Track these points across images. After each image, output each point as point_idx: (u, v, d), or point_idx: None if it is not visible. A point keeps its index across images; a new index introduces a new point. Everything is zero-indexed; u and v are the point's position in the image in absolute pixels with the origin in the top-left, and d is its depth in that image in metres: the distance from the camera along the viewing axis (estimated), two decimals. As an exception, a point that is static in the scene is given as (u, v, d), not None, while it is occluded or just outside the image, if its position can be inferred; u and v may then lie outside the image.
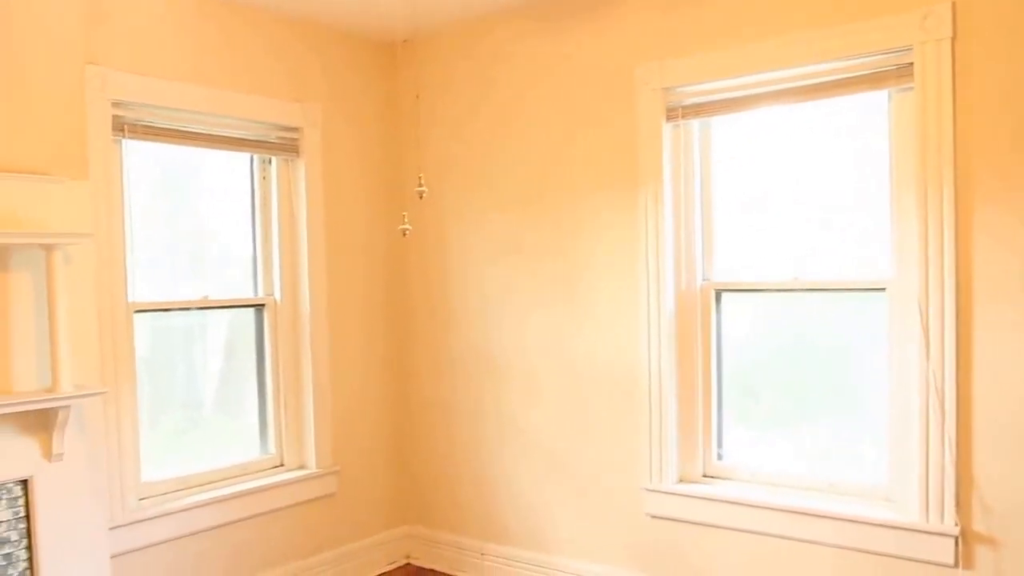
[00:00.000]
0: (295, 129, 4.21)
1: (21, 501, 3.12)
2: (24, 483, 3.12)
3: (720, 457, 3.77)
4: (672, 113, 3.70)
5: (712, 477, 3.75)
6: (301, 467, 4.33)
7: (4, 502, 3.08)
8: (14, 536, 3.10)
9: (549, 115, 4.08)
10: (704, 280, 3.75)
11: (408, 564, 4.76)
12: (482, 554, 4.45)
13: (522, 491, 4.28)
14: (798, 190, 3.55)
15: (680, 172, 3.75)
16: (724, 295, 3.73)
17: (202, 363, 4.16)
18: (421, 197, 2.69)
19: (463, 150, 4.40)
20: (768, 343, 3.71)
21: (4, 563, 3.07)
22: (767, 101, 3.49)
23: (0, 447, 3.03)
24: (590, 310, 3.98)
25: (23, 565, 3.12)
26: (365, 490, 4.60)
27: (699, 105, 3.65)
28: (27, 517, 3.13)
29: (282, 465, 4.31)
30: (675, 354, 3.75)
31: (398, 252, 4.72)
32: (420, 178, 2.86)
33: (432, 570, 4.65)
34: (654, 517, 3.81)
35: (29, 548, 3.13)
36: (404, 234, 2.80)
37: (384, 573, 4.63)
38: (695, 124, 3.72)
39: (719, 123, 3.71)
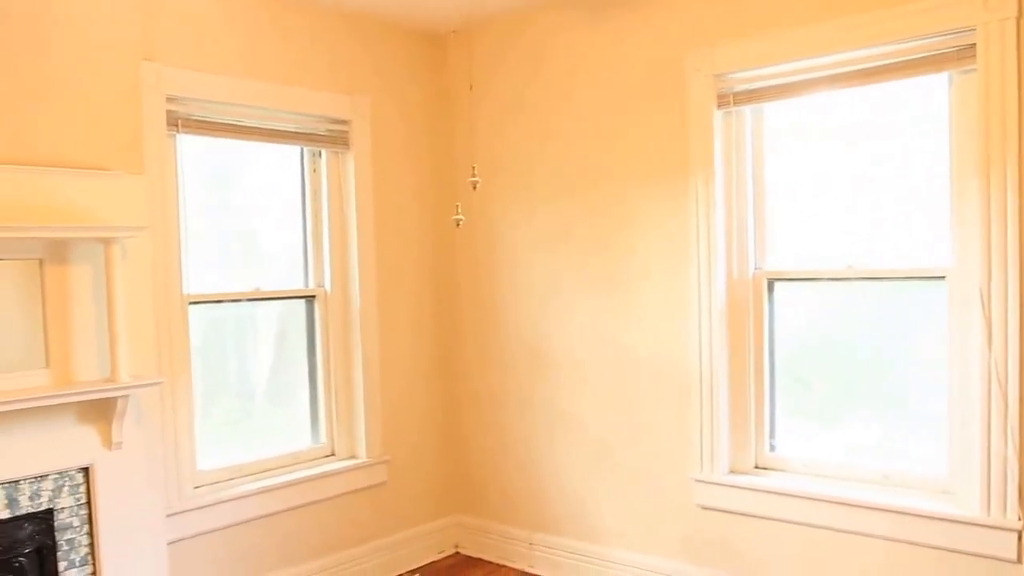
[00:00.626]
0: (344, 122, 4.24)
1: (82, 488, 3.19)
2: (85, 471, 3.19)
3: (772, 448, 3.72)
4: (723, 100, 3.64)
5: (764, 468, 3.71)
6: (352, 457, 4.38)
7: (66, 489, 3.15)
8: (76, 522, 3.17)
9: (598, 104, 4.05)
10: (756, 269, 3.70)
11: (457, 553, 4.79)
12: (530, 544, 4.45)
13: (570, 481, 4.28)
14: (853, 177, 3.48)
15: (731, 160, 3.70)
16: (777, 284, 3.68)
17: (254, 354, 4.21)
18: (475, 188, 2.68)
19: (511, 141, 4.40)
20: (822, 333, 3.65)
21: (67, 548, 3.14)
22: (821, 86, 3.42)
23: (62, 436, 3.10)
24: (639, 300, 3.95)
25: (85, 550, 3.19)
26: (414, 479, 4.63)
27: (751, 91, 3.59)
28: (88, 504, 3.20)
29: (333, 455, 4.36)
30: (726, 344, 3.71)
31: (447, 243, 4.73)
32: (474, 169, 2.85)
33: (481, 559, 4.67)
34: (704, 508, 3.78)
35: (90, 534, 3.21)
36: (458, 224, 2.80)
37: (433, 562, 4.66)
38: (747, 111, 3.67)
39: (772, 109, 3.65)
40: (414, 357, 4.63)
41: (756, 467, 3.72)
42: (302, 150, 4.24)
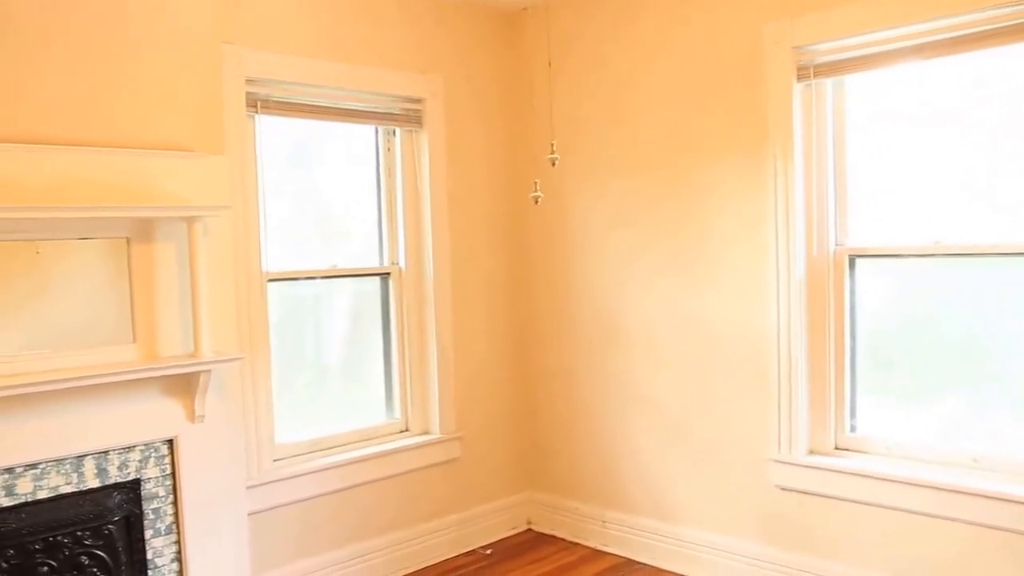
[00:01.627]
0: (418, 100, 4.26)
1: (167, 460, 3.29)
2: (170, 443, 3.29)
3: (853, 429, 3.63)
4: (803, 72, 3.54)
5: (845, 450, 3.62)
6: (425, 432, 4.43)
7: (152, 460, 3.25)
8: (161, 492, 3.28)
9: (673, 79, 3.98)
10: (837, 246, 3.60)
11: (529, 529, 4.81)
12: (603, 522, 4.44)
13: (645, 459, 4.25)
14: (941, 149, 3.35)
15: (812, 133, 3.60)
16: (859, 261, 3.57)
17: (329, 330, 4.28)
18: (554, 165, 2.67)
19: (585, 117, 4.35)
20: (906, 311, 3.54)
21: (153, 517, 3.25)
22: (907, 56, 3.29)
23: (148, 409, 3.20)
24: (716, 277, 3.88)
25: (170, 519, 3.30)
26: (487, 456, 4.66)
27: (832, 63, 3.48)
28: (173, 475, 3.30)
29: (407, 430, 4.41)
30: (805, 322, 3.62)
31: (520, 220, 4.72)
32: (552, 146, 2.82)
33: (553, 536, 4.68)
34: (782, 489, 3.71)
35: (175, 504, 3.31)
36: (536, 202, 2.79)
37: (505, 538, 4.69)
38: (828, 83, 3.56)
39: (854, 81, 3.54)
40: (487, 334, 4.65)
41: (836, 448, 3.64)
42: (376, 129, 4.27)
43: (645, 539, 4.26)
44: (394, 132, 4.29)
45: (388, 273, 4.34)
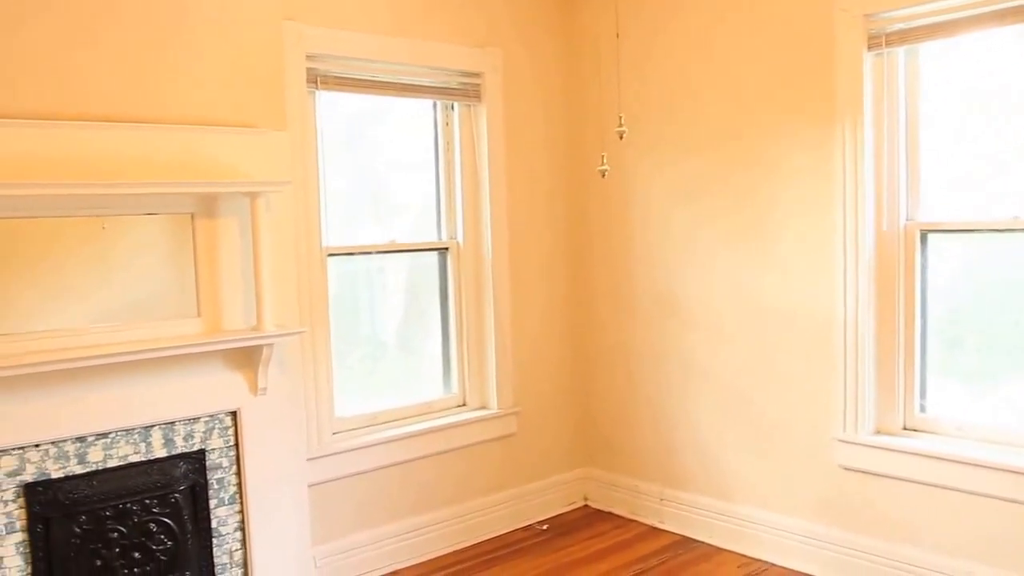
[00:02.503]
0: (477, 75, 4.23)
1: (231, 431, 3.35)
2: (233, 414, 3.35)
3: (923, 409, 3.53)
4: (874, 41, 3.42)
5: (913, 430, 3.53)
6: (483, 407, 4.43)
7: (216, 431, 3.31)
8: (225, 462, 3.34)
9: (738, 50, 3.89)
10: (908, 220, 3.49)
11: (586, 506, 4.80)
12: (661, 499, 4.42)
13: (704, 437, 4.20)
14: (1018, 123, 3.22)
15: (882, 104, 3.48)
16: (931, 236, 3.46)
17: (387, 305, 4.30)
18: (621, 138, 2.61)
19: (649, 90, 4.27)
20: (980, 288, 3.42)
21: (217, 486, 3.31)
22: (984, 23, 3.16)
23: (212, 381, 3.26)
24: (781, 253, 3.80)
25: (233, 489, 3.36)
26: (544, 431, 4.66)
27: (905, 31, 3.36)
28: (236, 446, 3.36)
29: (464, 405, 4.42)
30: (874, 298, 3.53)
31: (579, 195, 4.68)
32: (620, 118, 2.76)
33: (610, 513, 4.67)
34: (847, 469, 3.64)
35: (238, 474, 3.37)
36: (603, 175, 2.74)
37: (561, 514, 4.69)
38: (900, 52, 3.44)
39: (928, 50, 3.41)
40: (545, 309, 4.63)
41: (904, 429, 3.55)
42: (435, 104, 4.25)
43: (703, 517, 4.22)
44: (452, 107, 4.27)
45: (446, 248, 4.34)
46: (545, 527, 4.52)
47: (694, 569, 3.91)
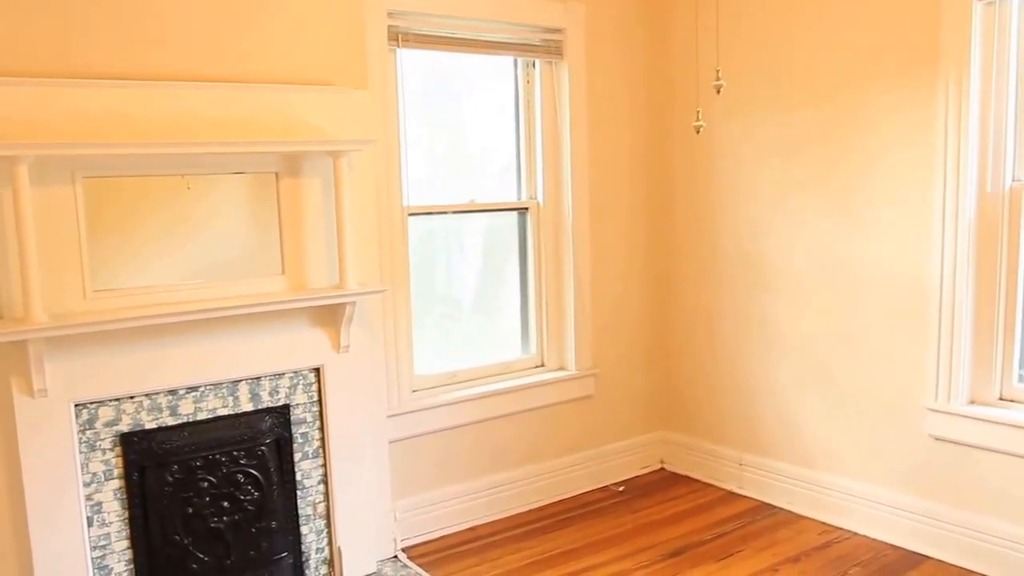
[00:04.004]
0: (558, 31, 4.15)
1: (314, 387, 3.41)
2: (316, 371, 3.41)
3: (1021, 379, 3.38)
4: (985, -10, 3.24)
5: (1010, 400, 3.39)
6: (560, 368, 4.42)
7: (300, 387, 3.37)
8: (309, 417, 3.40)
9: (837, 3, 3.71)
10: (1015, 181, 3.31)
11: (662, 469, 4.78)
12: (740, 464, 4.36)
13: (786, 402, 4.12)
14: None
15: (991, 59, 3.29)
16: (1038, 198, 3.29)
17: (466, 265, 4.30)
18: (719, 92, 2.53)
19: (741, 47, 4.13)
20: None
21: (301, 440, 3.39)
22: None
23: (296, 338, 3.31)
24: (875, 214, 3.66)
25: (316, 444, 3.43)
26: (622, 394, 4.63)
27: (1019, -23, 3.16)
28: (319, 402, 3.42)
29: (542, 366, 4.42)
30: (973, 263, 3.37)
31: (662, 154, 4.58)
32: (718, 72, 2.66)
33: (687, 477, 4.64)
34: (937, 439, 3.52)
35: (321, 429, 3.43)
36: (698, 131, 2.66)
37: (638, 476, 4.68)
38: (1014, 1, 3.23)
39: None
40: (625, 271, 4.58)
41: (1001, 399, 3.41)
42: (516, 61, 4.20)
43: (783, 484, 4.16)
44: (534, 64, 4.20)
45: (526, 208, 4.31)
46: (621, 489, 4.51)
47: (773, 535, 3.86)
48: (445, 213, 4.10)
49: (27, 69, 2.76)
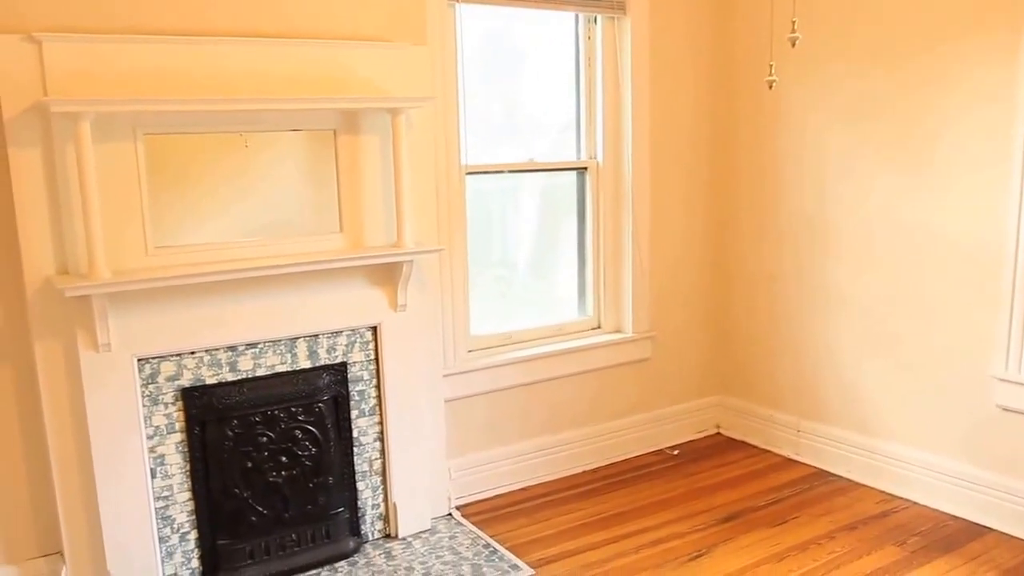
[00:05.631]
0: (620, -16, 4.05)
1: (371, 345, 3.42)
2: (373, 329, 3.42)
3: (1098, 351, 3.27)
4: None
5: (1085, 373, 3.28)
6: (617, 331, 4.38)
7: (358, 345, 3.39)
8: (366, 376, 3.42)
9: (908, -47, 3.56)
10: (1099, 145, 3.16)
11: (718, 434, 4.73)
12: (798, 431, 4.29)
13: (846, 368, 4.03)
14: None
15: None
16: (1125, 163, 3.13)
17: (522, 225, 4.26)
18: (794, 45, 2.43)
19: (808, 3, 3.97)
20: None
21: (358, 398, 3.41)
22: None
23: (353, 296, 3.32)
24: (950, 178, 3.51)
25: (373, 401, 3.45)
26: (679, 357, 4.58)
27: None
28: (376, 360, 3.44)
29: (599, 328, 4.38)
30: (1052, 231, 3.24)
31: (726, 113, 4.46)
32: (794, 24, 2.53)
33: (743, 442, 4.59)
34: (1005, 410, 3.42)
35: (378, 387, 3.45)
36: (771, 86, 2.56)
37: (693, 440, 4.64)
38: (1103, -47, 3.06)
39: None
40: (685, 232, 4.50)
41: (1075, 370, 3.30)
42: (577, 16, 4.11)
43: (841, 451, 4.09)
44: (595, 19, 4.11)
45: (585, 168, 4.24)
46: (676, 452, 4.48)
47: (830, 503, 3.81)
48: (505, 172, 4.05)
49: (86, 26, 2.76)
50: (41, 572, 3.05)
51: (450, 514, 3.74)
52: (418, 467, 3.55)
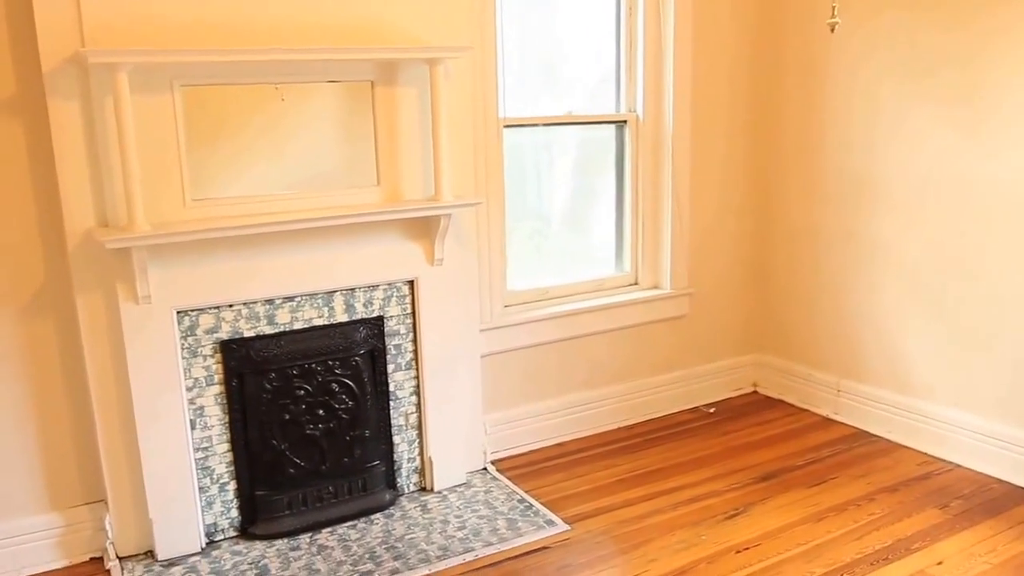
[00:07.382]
0: (664, -70, 3.92)
1: (408, 300, 3.41)
2: (410, 283, 3.40)
3: None
4: None
5: None
6: (655, 287, 4.33)
7: (394, 299, 3.38)
8: (402, 330, 3.42)
9: None
10: None
11: (755, 392, 4.69)
12: (838, 390, 4.23)
13: (889, 328, 3.95)
14: None
15: None
16: None
17: (560, 179, 4.20)
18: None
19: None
20: None
21: (395, 352, 3.41)
22: None
23: (391, 250, 3.30)
24: (1007, 132, 3.38)
25: (409, 356, 3.45)
26: (717, 314, 4.52)
27: None
28: (413, 314, 3.43)
29: (636, 284, 4.33)
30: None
31: (771, 66, 4.33)
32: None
33: (780, 401, 4.54)
34: (1054, 374, 3.34)
35: (414, 341, 3.45)
36: (832, 29, 2.44)
37: (730, 398, 4.61)
38: None
39: None
40: (726, 188, 4.40)
41: None
42: (618, -36, 4.00)
43: (882, 411, 4.03)
44: (637, -33, 4.00)
45: (624, 121, 4.15)
46: (712, 410, 4.45)
47: (870, 464, 3.76)
48: (543, 125, 3.98)
49: (126, -26, 2.73)
50: (85, 519, 3.11)
51: (485, 468, 3.76)
52: (454, 422, 3.56)
